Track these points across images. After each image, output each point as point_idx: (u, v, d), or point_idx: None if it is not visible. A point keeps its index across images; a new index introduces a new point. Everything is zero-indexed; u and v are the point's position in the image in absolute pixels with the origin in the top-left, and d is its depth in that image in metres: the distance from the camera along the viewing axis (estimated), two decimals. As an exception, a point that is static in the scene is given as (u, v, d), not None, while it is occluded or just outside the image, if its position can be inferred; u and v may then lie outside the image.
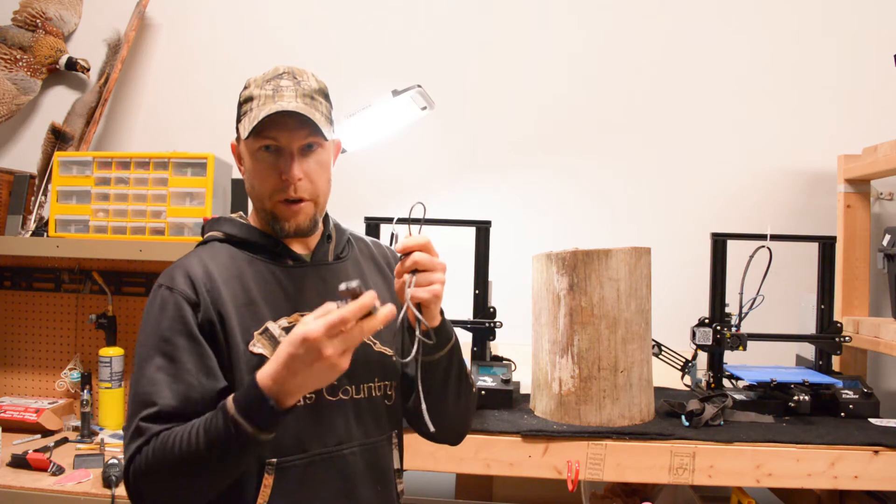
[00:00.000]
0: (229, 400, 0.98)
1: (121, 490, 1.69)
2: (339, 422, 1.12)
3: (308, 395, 1.11)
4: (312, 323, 0.93)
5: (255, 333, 1.10)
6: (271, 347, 1.09)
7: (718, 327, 1.98)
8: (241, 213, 1.25)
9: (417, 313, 1.05)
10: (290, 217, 1.14)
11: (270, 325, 1.11)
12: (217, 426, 0.97)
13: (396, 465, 1.23)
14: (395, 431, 1.23)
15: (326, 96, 1.18)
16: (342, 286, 0.95)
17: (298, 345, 0.93)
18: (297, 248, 1.20)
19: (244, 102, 1.15)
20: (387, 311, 0.96)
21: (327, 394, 1.13)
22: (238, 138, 1.18)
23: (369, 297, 0.95)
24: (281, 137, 1.11)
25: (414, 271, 1.07)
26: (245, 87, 1.16)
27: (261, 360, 1.08)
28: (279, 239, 1.18)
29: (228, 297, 1.10)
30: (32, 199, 2.28)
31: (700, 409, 1.78)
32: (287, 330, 1.12)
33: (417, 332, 1.05)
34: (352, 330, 0.94)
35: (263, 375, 0.97)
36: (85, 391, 2.11)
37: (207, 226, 1.24)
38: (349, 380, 1.15)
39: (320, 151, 1.16)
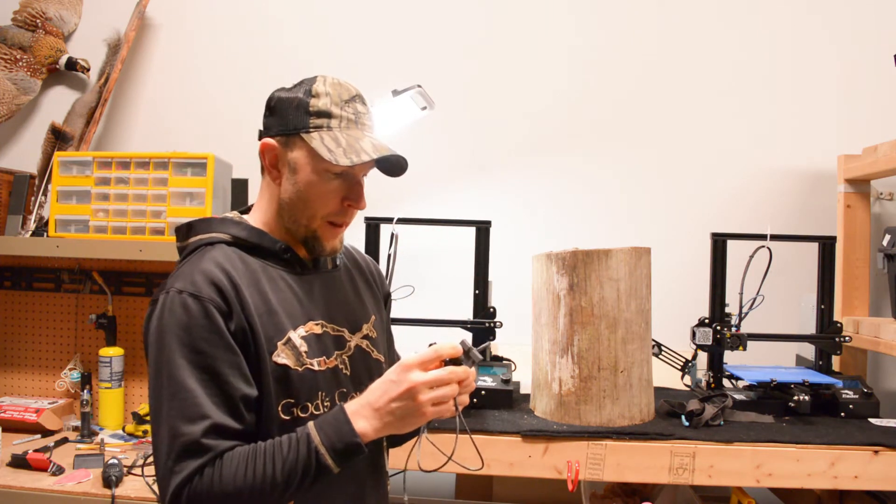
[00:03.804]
0: (313, 431, 0.99)
1: (121, 490, 1.69)
2: None
3: (326, 405, 1.11)
4: (419, 374, 1.00)
5: (279, 344, 1.07)
6: (294, 357, 1.08)
7: (718, 327, 1.98)
8: (236, 212, 1.20)
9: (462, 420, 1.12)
10: (331, 238, 1.15)
11: (292, 334, 1.09)
12: (299, 456, 0.97)
13: (386, 467, 1.26)
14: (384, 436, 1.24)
15: None
16: (468, 343, 1.08)
17: (394, 372, 1.01)
18: (300, 254, 1.19)
19: (317, 115, 1.09)
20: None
21: (340, 401, 1.13)
22: (286, 142, 1.12)
23: (473, 373, 1.05)
24: (357, 166, 1.11)
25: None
26: (313, 95, 1.10)
27: (284, 370, 1.07)
28: (311, 250, 1.17)
29: (252, 306, 1.06)
30: (32, 199, 2.28)
31: (700, 409, 1.78)
32: (305, 339, 1.10)
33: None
34: (449, 387, 1.01)
35: (357, 413, 1.00)
36: (85, 391, 2.10)
37: (202, 226, 1.16)
38: (354, 386, 1.16)
39: (363, 179, 1.18)
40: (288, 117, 1.10)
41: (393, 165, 1.17)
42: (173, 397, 0.99)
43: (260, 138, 1.15)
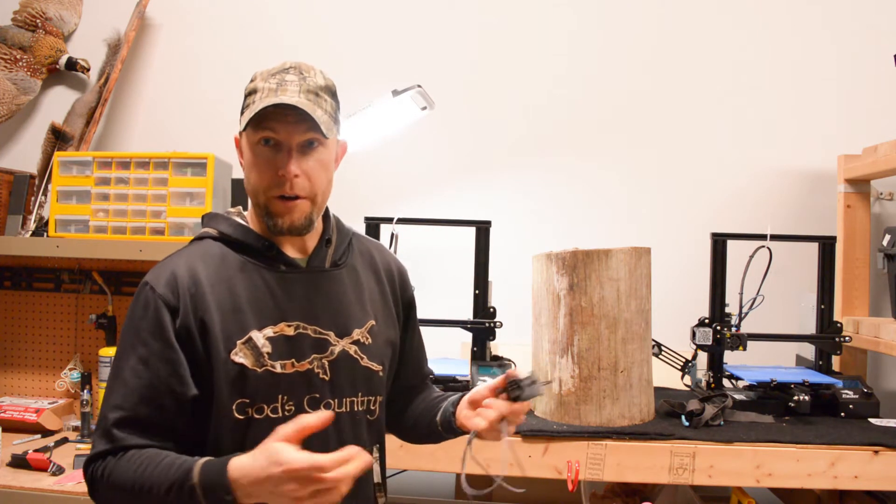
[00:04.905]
0: (197, 471, 0.97)
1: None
2: (316, 436, 1.01)
3: (287, 408, 1.10)
4: (296, 455, 0.92)
5: (238, 343, 1.08)
6: (253, 357, 1.08)
7: (718, 327, 1.98)
8: (241, 207, 1.23)
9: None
10: (284, 213, 1.11)
11: (254, 334, 1.09)
12: (179, 489, 0.97)
13: (377, 480, 1.21)
14: (376, 446, 1.21)
15: (333, 94, 1.15)
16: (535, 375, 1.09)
17: (277, 470, 0.92)
18: (294, 251, 1.17)
19: (248, 95, 1.13)
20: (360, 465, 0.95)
21: (308, 407, 1.11)
22: (240, 133, 1.16)
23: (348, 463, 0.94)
24: (280, 131, 1.09)
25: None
26: (251, 80, 1.14)
27: (241, 369, 1.07)
28: (273, 236, 1.15)
29: (213, 303, 1.08)
30: (32, 199, 2.28)
31: (700, 409, 1.78)
32: (271, 340, 1.09)
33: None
34: (326, 487, 0.92)
35: (235, 471, 0.95)
36: (85, 391, 2.10)
37: (205, 220, 1.22)
38: (332, 393, 1.13)
39: (321, 150, 1.13)
40: (241, 109, 1.16)
41: (300, 113, 1.09)
42: (111, 381, 1.06)
43: None
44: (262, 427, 1.07)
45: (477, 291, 2.03)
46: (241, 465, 0.95)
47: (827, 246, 2.09)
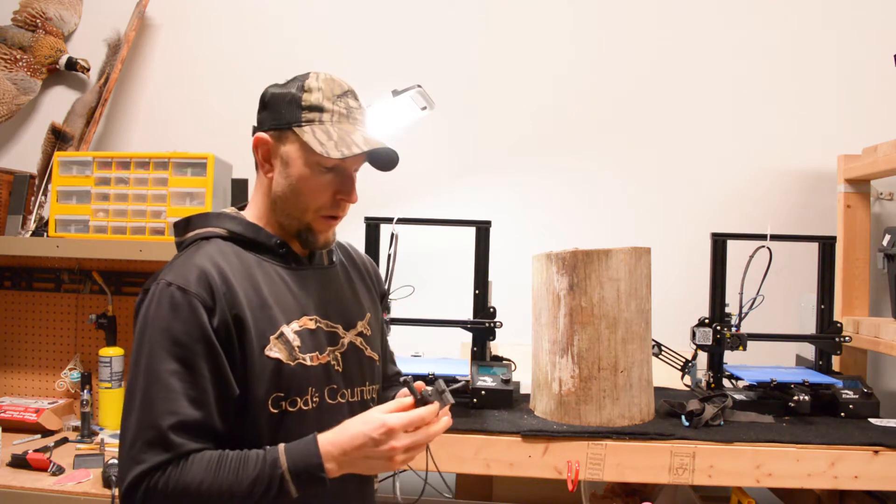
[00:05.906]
0: (282, 456, 0.99)
1: (121, 490, 1.69)
2: (330, 426, 1.08)
3: (314, 400, 1.12)
4: (394, 416, 1.02)
5: (272, 337, 1.08)
6: (286, 351, 1.09)
7: (718, 327, 1.98)
8: (234, 208, 1.22)
9: None
10: (325, 230, 1.16)
11: (285, 328, 1.10)
12: (262, 476, 0.98)
13: None
14: None
15: None
16: (441, 384, 1.08)
17: (377, 430, 1.00)
18: (295, 250, 1.20)
19: (309, 109, 1.10)
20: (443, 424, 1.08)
21: (328, 398, 1.14)
22: (279, 136, 1.13)
23: (434, 407, 1.06)
24: (349, 160, 1.12)
25: None
26: (306, 90, 1.11)
27: (276, 364, 1.07)
28: (304, 243, 1.18)
29: (244, 299, 1.07)
30: (32, 199, 2.28)
31: (700, 409, 1.78)
32: (298, 333, 1.11)
33: None
34: (421, 431, 1.03)
35: (328, 447, 1.00)
36: (85, 391, 2.11)
37: (200, 221, 1.18)
38: (345, 383, 1.17)
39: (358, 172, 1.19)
40: (281, 112, 1.12)
41: (384, 160, 1.18)
42: (148, 387, 1.00)
43: (254, 133, 1.16)
44: (295, 419, 1.09)
45: (477, 291, 2.03)
46: (330, 437, 1.01)
47: (827, 246, 2.09)
